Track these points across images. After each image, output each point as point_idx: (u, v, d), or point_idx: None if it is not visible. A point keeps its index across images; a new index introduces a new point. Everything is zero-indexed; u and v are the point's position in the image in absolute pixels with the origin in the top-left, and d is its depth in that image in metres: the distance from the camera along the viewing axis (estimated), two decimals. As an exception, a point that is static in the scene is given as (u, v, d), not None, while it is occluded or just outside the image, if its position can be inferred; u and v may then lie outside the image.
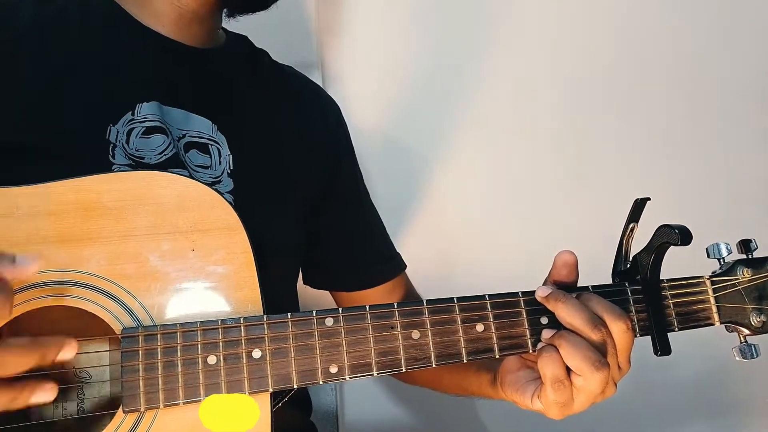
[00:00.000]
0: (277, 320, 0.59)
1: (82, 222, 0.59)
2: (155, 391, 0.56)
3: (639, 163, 1.32)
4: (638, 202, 0.67)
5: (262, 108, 0.81)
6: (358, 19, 1.26)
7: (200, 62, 0.77)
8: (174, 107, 0.72)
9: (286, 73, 0.88)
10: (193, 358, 0.57)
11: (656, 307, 0.65)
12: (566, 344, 0.60)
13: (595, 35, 1.33)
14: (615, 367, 0.62)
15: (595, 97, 1.32)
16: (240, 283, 0.61)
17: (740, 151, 1.37)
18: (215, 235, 0.61)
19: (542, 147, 1.30)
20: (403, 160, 1.26)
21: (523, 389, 0.65)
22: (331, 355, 0.59)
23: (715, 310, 0.69)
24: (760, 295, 0.70)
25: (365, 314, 0.60)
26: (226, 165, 0.73)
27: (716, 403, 1.32)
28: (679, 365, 1.25)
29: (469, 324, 0.62)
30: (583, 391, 0.60)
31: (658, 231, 0.65)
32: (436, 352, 0.61)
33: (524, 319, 0.63)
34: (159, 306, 0.58)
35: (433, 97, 1.27)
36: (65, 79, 0.68)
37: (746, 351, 0.69)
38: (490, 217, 1.27)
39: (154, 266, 0.59)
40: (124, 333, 0.56)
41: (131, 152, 0.68)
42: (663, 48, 1.36)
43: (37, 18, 0.70)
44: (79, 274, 0.58)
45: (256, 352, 0.58)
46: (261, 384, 0.57)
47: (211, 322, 0.58)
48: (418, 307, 0.61)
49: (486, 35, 1.29)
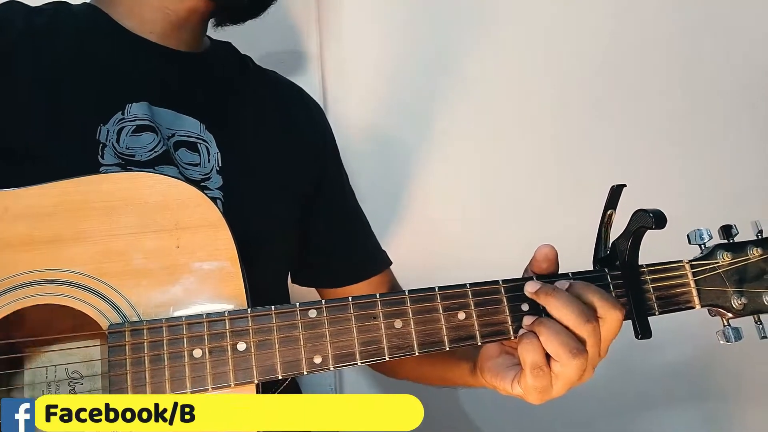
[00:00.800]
0: (261, 313, 0.60)
1: (70, 223, 0.60)
2: (142, 385, 0.57)
3: (636, 162, 1.33)
4: (615, 189, 0.68)
5: (248, 109, 0.83)
6: (358, 16, 1.27)
7: (188, 65, 0.79)
8: (163, 107, 0.74)
9: (270, 77, 0.90)
10: (179, 352, 0.58)
11: (636, 291, 0.66)
12: (546, 331, 0.60)
13: (592, 33, 1.34)
14: (595, 356, 0.62)
15: (592, 95, 1.33)
16: (225, 279, 0.62)
17: (739, 150, 1.38)
18: (200, 232, 0.62)
19: (538, 145, 1.31)
20: (400, 157, 1.27)
21: (503, 375, 0.66)
22: (315, 345, 0.60)
23: (695, 294, 0.69)
24: (740, 278, 0.70)
25: (348, 305, 0.61)
26: (215, 162, 0.75)
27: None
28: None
29: (450, 312, 0.63)
30: (561, 377, 0.61)
31: (634, 216, 0.66)
32: (418, 340, 0.62)
33: (505, 306, 0.64)
34: (145, 302, 0.60)
35: (431, 94, 1.28)
36: (56, 83, 0.70)
37: (729, 334, 0.69)
38: (485, 216, 1.28)
39: (139, 264, 0.60)
40: (110, 329, 0.58)
41: (121, 151, 0.69)
42: (661, 46, 1.36)
43: (28, 28, 0.72)
44: (66, 273, 0.59)
45: (240, 344, 0.59)
46: (246, 375, 0.58)
47: (196, 316, 0.59)
48: (401, 297, 0.62)
49: (484, 33, 1.30)
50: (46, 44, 0.72)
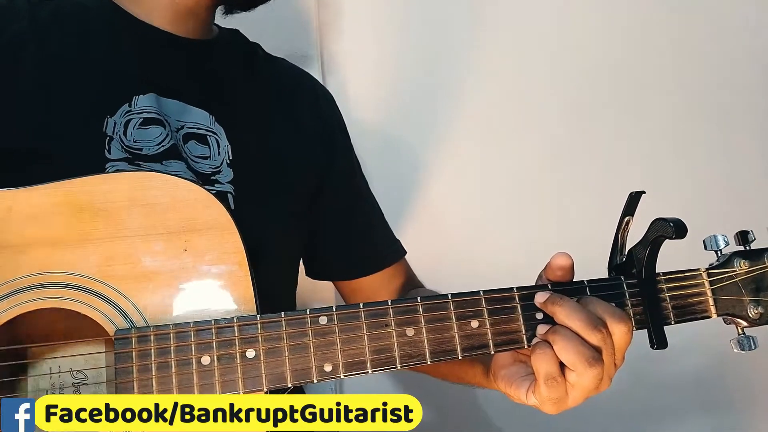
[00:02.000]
0: (270, 320, 0.59)
1: (75, 224, 0.59)
2: (149, 393, 0.56)
3: (639, 162, 1.32)
4: (633, 196, 0.67)
5: (258, 99, 0.81)
6: (359, 13, 1.26)
7: (196, 54, 0.77)
8: (171, 99, 0.72)
9: (280, 65, 0.89)
10: (186, 359, 0.57)
11: (652, 301, 0.65)
12: (560, 340, 0.59)
13: (596, 34, 1.33)
14: (611, 365, 0.61)
15: (595, 95, 1.32)
16: (233, 283, 0.60)
17: (742, 150, 1.37)
18: (208, 235, 0.61)
19: (542, 145, 1.30)
20: (401, 156, 1.26)
21: (517, 385, 0.65)
22: (326, 353, 0.59)
23: (711, 303, 0.68)
24: (757, 286, 0.69)
25: (359, 312, 0.60)
26: (225, 155, 0.73)
27: (715, 397, 1.32)
28: (678, 359, 1.25)
29: (463, 320, 0.61)
30: (577, 386, 0.60)
31: (653, 224, 0.64)
32: (430, 348, 0.61)
33: (519, 314, 0.63)
34: (152, 307, 0.58)
35: (432, 93, 1.27)
36: (62, 75, 0.69)
37: (744, 343, 0.68)
38: (490, 215, 1.28)
39: (146, 267, 0.59)
40: (117, 335, 0.56)
41: (128, 144, 0.68)
42: (663, 47, 1.35)
43: (34, 20, 0.70)
44: (71, 276, 0.58)
45: (250, 351, 0.58)
46: (255, 383, 0.57)
47: (204, 322, 0.58)
48: (413, 305, 0.61)
49: (485, 33, 1.29)
50: (51, 36, 0.70)
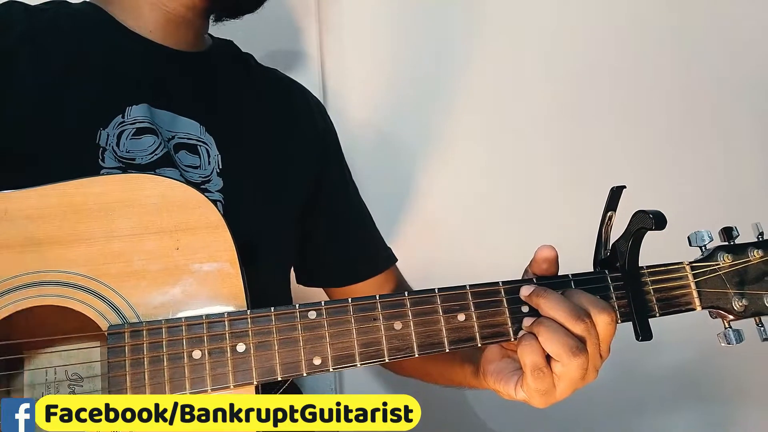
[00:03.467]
0: (260, 314, 0.60)
1: (69, 224, 0.60)
2: (141, 386, 0.57)
3: (636, 163, 1.33)
4: (614, 190, 0.68)
5: (249, 109, 0.82)
6: (358, 15, 1.27)
7: (188, 65, 0.79)
8: (162, 109, 0.74)
9: (272, 76, 0.90)
10: (178, 353, 0.58)
11: (636, 293, 0.66)
12: (544, 331, 0.60)
13: (593, 33, 1.34)
14: (596, 356, 0.62)
15: (592, 95, 1.33)
16: (224, 280, 0.62)
17: (739, 150, 1.38)
18: (199, 233, 0.62)
19: (538, 145, 1.31)
20: (400, 156, 1.27)
21: (506, 380, 0.66)
22: (315, 347, 0.60)
23: (696, 296, 0.69)
24: (741, 280, 0.70)
25: (348, 307, 0.61)
26: (215, 164, 0.75)
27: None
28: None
29: (450, 314, 0.63)
30: (563, 378, 0.61)
31: (634, 217, 0.65)
32: (418, 341, 0.62)
33: (505, 308, 0.64)
34: (145, 304, 0.60)
35: (431, 93, 1.28)
36: (56, 86, 0.70)
37: (731, 336, 0.69)
38: (484, 215, 1.28)
39: (139, 265, 0.60)
40: (110, 330, 0.58)
41: (122, 154, 0.69)
42: (661, 46, 1.37)
43: (28, 29, 0.72)
44: (66, 274, 0.59)
45: (240, 345, 0.59)
46: (246, 377, 0.58)
47: (195, 317, 0.59)
48: (400, 299, 0.62)
49: (485, 33, 1.31)
50: (46, 46, 0.71)
